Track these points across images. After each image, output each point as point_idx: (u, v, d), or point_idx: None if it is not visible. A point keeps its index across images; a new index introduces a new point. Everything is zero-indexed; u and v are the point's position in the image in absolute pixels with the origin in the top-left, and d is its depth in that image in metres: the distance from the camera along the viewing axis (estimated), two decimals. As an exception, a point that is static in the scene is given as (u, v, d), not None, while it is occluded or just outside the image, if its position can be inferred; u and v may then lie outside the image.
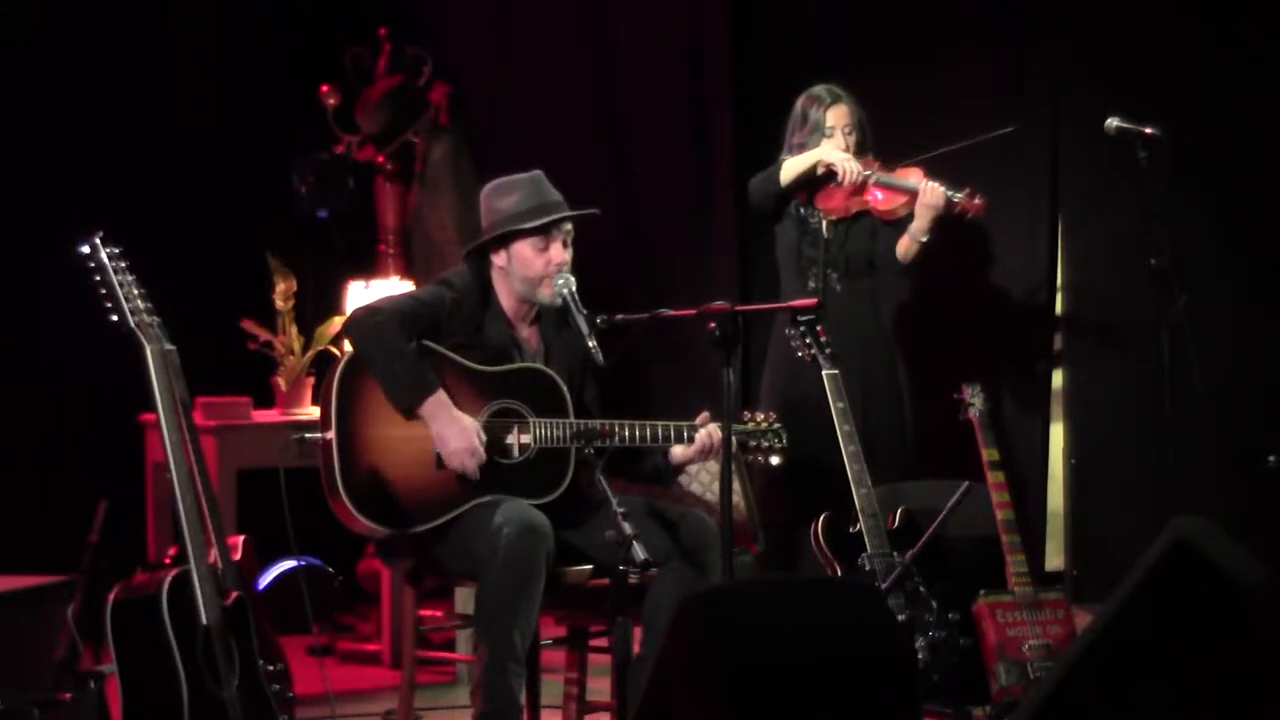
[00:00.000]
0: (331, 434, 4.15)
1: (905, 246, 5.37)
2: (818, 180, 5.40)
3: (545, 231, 4.34)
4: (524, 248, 4.35)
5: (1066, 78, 6.09)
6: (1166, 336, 4.99)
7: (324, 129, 6.49)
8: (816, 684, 2.81)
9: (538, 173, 4.43)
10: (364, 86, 6.57)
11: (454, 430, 4.19)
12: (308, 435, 4.26)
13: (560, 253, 4.36)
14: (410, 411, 4.20)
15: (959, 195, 5.27)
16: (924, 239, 5.32)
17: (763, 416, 4.50)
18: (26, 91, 6.20)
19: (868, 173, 5.32)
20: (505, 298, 4.41)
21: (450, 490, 4.22)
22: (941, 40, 6.30)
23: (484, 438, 4.21)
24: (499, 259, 4.39)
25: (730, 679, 2.75)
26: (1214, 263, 5.74)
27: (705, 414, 4.39)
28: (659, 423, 4.37)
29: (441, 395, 4.19)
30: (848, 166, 5.31)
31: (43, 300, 5.88)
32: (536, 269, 4.34)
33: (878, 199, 5.40)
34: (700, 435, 4.36)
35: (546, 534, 4.12)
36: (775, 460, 4.51)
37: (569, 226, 4.39)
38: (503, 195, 4.40)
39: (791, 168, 5.38)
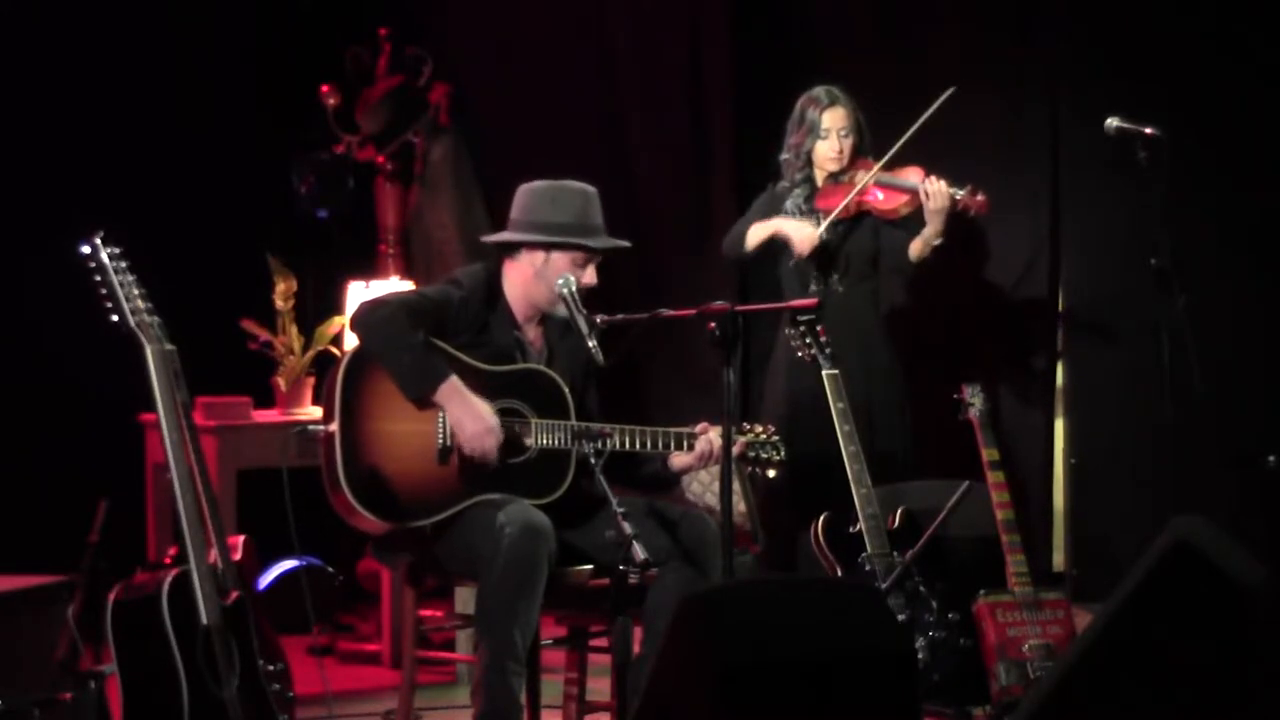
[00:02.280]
0: (334, 427, 4.16)
1: (919, 249, 5.38)
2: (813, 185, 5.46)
3: (591, 253, 4.37)
4: (563, 259, 4.36)
5: (1066, 78, 6.09)
6: (1166, 336, 4.98)
7: (324, 129, 6.49)
8: (816, 684, 2.80)
9: (593, 189, 4.44)
10: (364, 86, 6.57)
11: (470, 414, 4.19)
12: (310, 427, 4.27)
13: (593, 276, 4.38)
14: (423, 400, 4.19)
15: (961, 192, 5.28)
16: (938, 242, 5.33)
17: (761, 428, 4.50)
18: (27, 91, 6.20)
19: (822, 236, 5.32)
20: (515, 298, 4.41)
21: (452, 486, 4.22)
22: (942, 40, 6.30)
23: (498, 420, 4.22)
24: (533, 258, 4.38)
25: (730, 679, 2.75)
26: (1214, 263, 5.74)
27: (704, 423, 4.39)
28: (659, 429, 4.37)
29: (454, 380, 4.19)
30: (798, 238, 5.33)
31: (43, 300, 5.87)
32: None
33: (878, 199, 5.41)
34: (700, 443, 4.36)
35: (548, 534, 4.12)
36: (772, 473, 4.51)
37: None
38: (561, 200, 4.38)
39: (755, 234, 5.44)
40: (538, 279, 4.37)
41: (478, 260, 4.63)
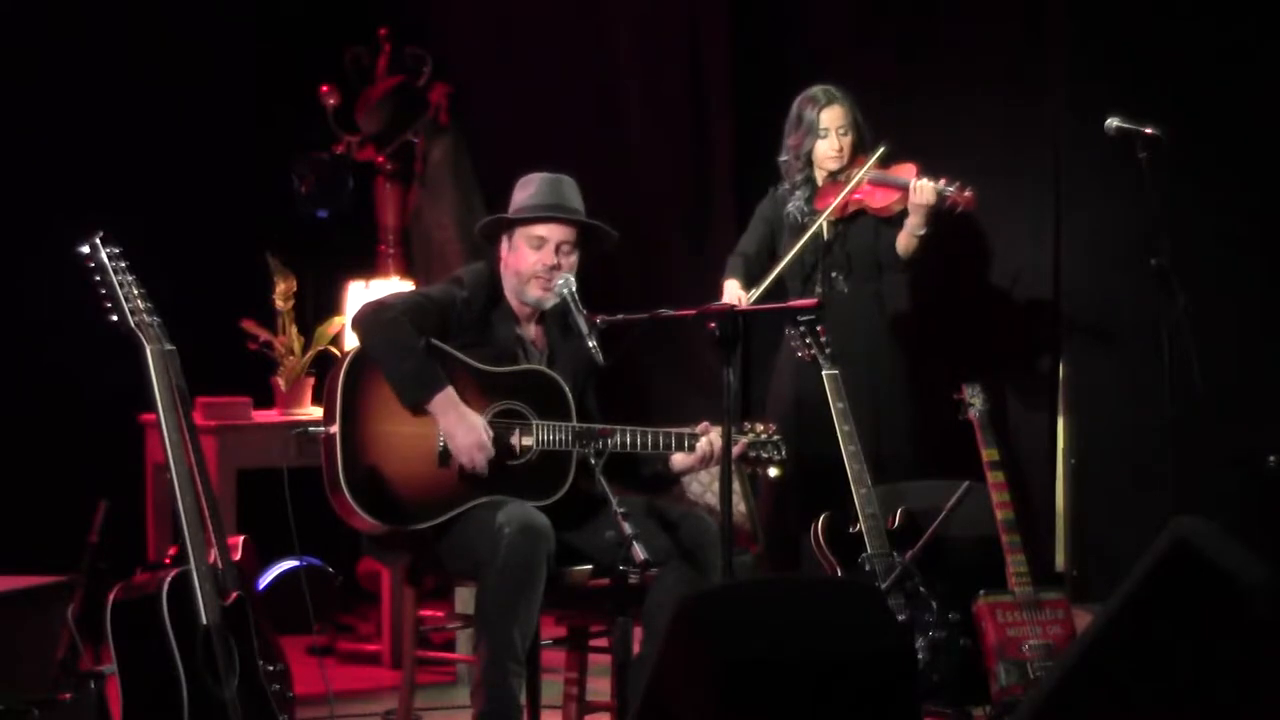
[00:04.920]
0: (335, 428, 4.16)
1: (905, 243, 5.39)
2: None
3: (539, 231, 4.35)
4: (520, 241, 4.37)
5: (1067, 77, 6.08)
6: (1166, 336, 4.98)
7: (324, 129, 6.49)
8: (816, 684, 2.80)
9: (567, 177, 4.45)
10: (364, 86, 6.57)
11: (462, 426, 4.19)
12: (311, 428, 4.27)
13: (549, 257, 4.36)
14: (418, 407, 4.20)
15: (949, 189, 5.29)
16: (921, 233, 5.34)
17: (763, 427, 4.50)
18: (27, 91, 6.20)
19: (748, 302, 5.31)
20: (511, 294, 4.43)
21: (452, 489, 4.22)
22: (942, 41, 6.30)
23: (491, 434, 4.22)
24: (503, 248, 4.41)
25: (730, 679, 2.75)
26: (1214, 263, 5.74)
27: (705, 423, 4.39)
28: (660, 430, 4.36)
29: (450, 391, 4.20)
30: (726, 299, 5.31)
31: (43, 300, 5.87)
32: (526, 266, 4.37)
33: (872, 196, 5.42)
34: (701, 444, 4.36)
35: (547, 535, 4.12)
36: (774, 472, 4.51)
37: (564, 237, 4.39)
38: (523, 186, 4.45)
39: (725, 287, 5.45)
40: (505, 267, 4.40)
41: (479, 260, 4.64)
